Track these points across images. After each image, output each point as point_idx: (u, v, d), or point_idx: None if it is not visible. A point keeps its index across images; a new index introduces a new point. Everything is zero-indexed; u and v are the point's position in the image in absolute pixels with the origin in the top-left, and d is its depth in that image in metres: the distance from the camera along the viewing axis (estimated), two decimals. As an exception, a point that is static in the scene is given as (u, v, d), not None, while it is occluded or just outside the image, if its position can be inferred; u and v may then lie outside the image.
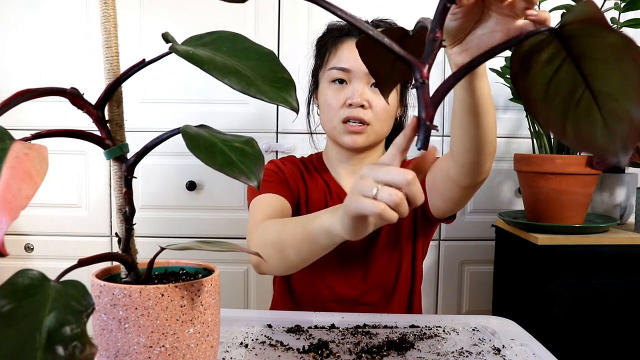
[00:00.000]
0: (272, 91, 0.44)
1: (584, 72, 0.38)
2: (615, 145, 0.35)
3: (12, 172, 0.31)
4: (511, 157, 1.37)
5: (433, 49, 0.43)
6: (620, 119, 0.35)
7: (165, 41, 0.44)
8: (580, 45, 0.38)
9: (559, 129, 0.38)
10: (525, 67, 0.41)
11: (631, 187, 1.38)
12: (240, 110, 1.54)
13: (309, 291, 1.03)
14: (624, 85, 0.35)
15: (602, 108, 0.36)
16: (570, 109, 0.38)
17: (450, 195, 0.89)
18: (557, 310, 1.19)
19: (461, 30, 0.58)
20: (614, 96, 0.36)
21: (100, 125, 0.47)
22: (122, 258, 0.49)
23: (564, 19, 0.39)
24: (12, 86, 1.43)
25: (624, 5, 1.19)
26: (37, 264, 1.55)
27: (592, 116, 0.36)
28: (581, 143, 0.37)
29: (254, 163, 0.44)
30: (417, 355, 0.70)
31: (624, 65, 0.35)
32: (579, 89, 0.38)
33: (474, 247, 1.61)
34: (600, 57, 0.37)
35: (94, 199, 1.55)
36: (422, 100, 0.42)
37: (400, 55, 0.42)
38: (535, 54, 0.40)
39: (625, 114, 0.35)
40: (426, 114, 0.42)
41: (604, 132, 0.36)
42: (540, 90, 0.40)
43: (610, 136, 0.35)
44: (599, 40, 0.37)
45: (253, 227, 0.89)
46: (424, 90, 0.42)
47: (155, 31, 1.50)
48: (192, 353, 0.47)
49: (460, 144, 0.77)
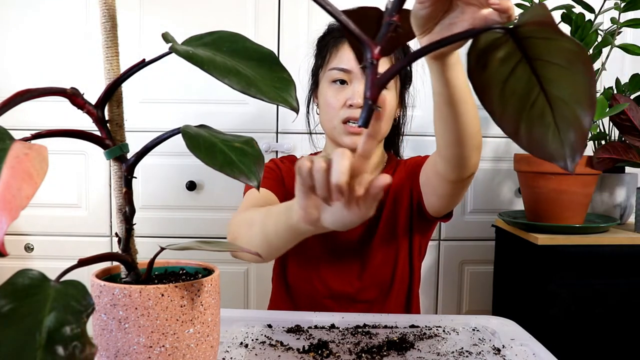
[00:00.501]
0: (272, 91, 0.44)
1: (538, 75, 0.38)
2: (565, 151, 0.35)
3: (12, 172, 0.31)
4: (511, 157, 1.37)
5: (387, 32, 0.43)
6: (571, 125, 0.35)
7: (165, 41, 0.44)
8: (535, 47, 0.38)
9: (513, 130, 0.38)
10: (483, 64, 0.41)
11: (631, 187, 1.38)
12: (240, 110, 1.54)
13: (305, 287, 1.03)
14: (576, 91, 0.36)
15: (555, 112, 0.36)
16: (524, 111, 0.38)
17: (441, 191, 0.89)
18: (557, 310, 1.19)
19: (430, 19, 0.57)
20: (566, 101, 0.36)
21: (100, 125, 0.47)
22: (122, 258, 0.49)
23: (519, 20, 0.39)
24: (12, 86, 1.43)
25: (624, 5, 1.19)
26: (37, 264, 1.55)
27: (545, 120, 0.37)
28: (533, 146, 0.37)
29: (254, 163, 0.44)
30: (417, 355, 0.70)
31: (576, 72, 0.36)
32: (534, 91, 0.38)
33: (474, 247, 1.61)
34: (554, 61, 0.37)
35: (94, 199, 1.55)
36: (369, 80, 0.43)
37: (353, 34, 0.43)
38: (492, 51, 0.40)
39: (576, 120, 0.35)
40: (371, 94, 0.43)
41: (555, 137, 0.36)
42: (497, 88, 0.40)
43: (561, 142, 0.36)
44: (553, 44, 0.37)
45: (235, 214, 0.91)
46: (373, 70, 0.43)
47: (155, 31, 1.50)
48: (192, 353, 0.47)
49: (442, 138, 0.78)
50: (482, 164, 1.59)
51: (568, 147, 0.35)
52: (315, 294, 1.03)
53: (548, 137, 0.36)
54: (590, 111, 0.35)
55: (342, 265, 1.03)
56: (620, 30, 1.23)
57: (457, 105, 0.70)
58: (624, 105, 1.19)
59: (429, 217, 0.99)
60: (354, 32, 0.43)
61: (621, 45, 1.24)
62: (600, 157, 1.21)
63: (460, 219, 1.60)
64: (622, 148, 1.23)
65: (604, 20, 1.28)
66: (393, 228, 1.02)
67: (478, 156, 0.80)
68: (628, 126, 1.23)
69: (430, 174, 0.91)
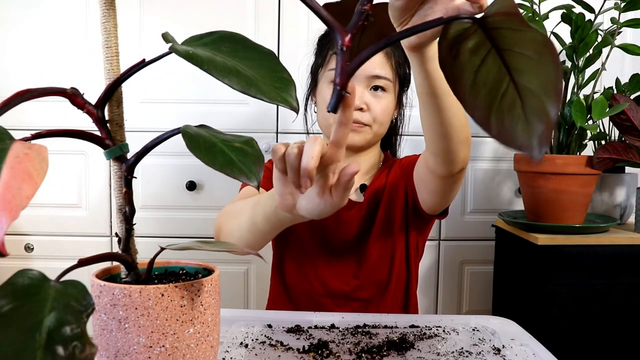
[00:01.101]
0: (272, 91, 0.44)
1: (508, 66, 0.38)
2: (533, 142, 0.36)
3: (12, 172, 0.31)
4: (511, 157, 1.37)
5: (358, 20, 0.45)
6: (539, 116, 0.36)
7: (165, 41, 0.44)
8: (504, 37, 0.39)
9: (484, 121, 0.38)
10: (454, 54, 0.41)
11: (631, 187, 1.38)
12: (240, 110, 1.54)
13: (302, 286, 1.04)
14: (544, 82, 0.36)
15: (525, 104, 0.37)
16: (495, 102, 0.38)
17: (433, 187, 0.90)
18: (556, 310, 1.19)
19: (406, 10, 0.57)
20: (534, 92, 0.36)
21: (100, 125, 0.47)
22: (122, 258, 0.49)
23: (487, 10, 0.40)
24: (12, 86, 1.43)
25: (624, 5, 1.19)
26: (37, 264, 1.55)
27: (515, 111, 0.37)
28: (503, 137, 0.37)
29: (254, 163, 0.44)
30: (417, 355, 0.70)
31: (544, 62, 0.36)
32: (504, 82, 0.38)
33: (474, 247, 1.61)
34: (523, 52, 0.37)
35: (94, 199, 1.55)
36: (339, 67, 0.44)
37: (326, 21, 0.44)
38: (462, 41, 0.41)
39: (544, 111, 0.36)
40: (340, 80, 0.44)
41: (524, 127, 0.36)
42: (468, 79, 0.40)
43: (529, 132, 0.36)
44: (521, 35, 0.37)
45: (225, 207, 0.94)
46: (343, 57, 0.44)
47: (155, 31, 1.50)
48: (192, 353, 0.47)
49: (428, 132, 0.78)
50: (482, 164, 1.60)
51: (536, 137, 0.36)
52: (312, 292, 1.03)
53: (518, 128, 0.37)
54: (556, 103, 0.35)
55: (338, 263, 1.03)
56: (620, 30, 1.23)
57: (439, 97, 0.70)
58: (624, 105, 1.19)
59: (424, 215, 0.99)
60: (327, 19, 0.44)
61: (621, 45, 1.24)
62: (600, 157, 1.21)
63: (460, 219, 1.60)
64: (622, 148, 1.23)
65: (604, 20, 1.28)
66: (389, 226, 1.02)
67: (467, 150, 0.79)
68: (628, 126, 1.23)
69: (421, 171, 0.91)
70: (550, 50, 0.36)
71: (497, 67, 0.39)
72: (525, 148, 0.36)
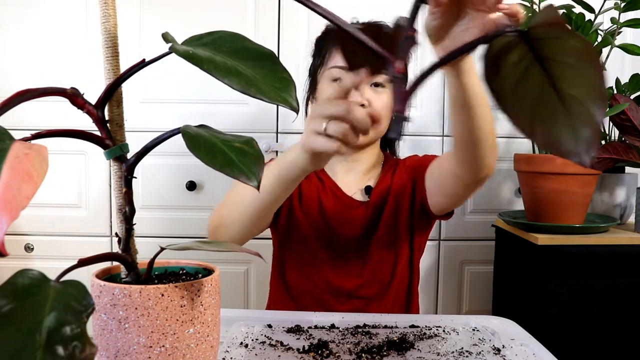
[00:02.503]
0: (272, 91, 0.44)
1: (550, 74, 0.39)
2: (580, 148, 0.36)
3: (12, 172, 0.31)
4: (511, 157, 1.37)
5: (407, 46, 0.45)
6: (585, 122, 0.36)
7: (165, 41, 0.44)
8: (546, 47, 0.39)
9: (529, 130, 0.39)
10: (496, 68, 0.42)
11: (631, 187, 1.38)
12: (240, 110, 1.54)
13: (304, 284, 1.04)
14: (587, 88, 0.36)
15: (568, 110, 0.37)
16: (538, 111, 0.39)
17: (453, 191, 0.91)
18: (556, 310, 1.19)
19: (442, 29, 0.59)
20: (578, 99, 0.37)
21: (100, 125, 0.47)
22: (122, 258, 0.49)
23: (530, 22, 0.40)
24: (12, 86, 1.43)
25: (624, 5, 1.19)
26: (37, 264, 1.55)
27: (559, 118, 0.37)
28: (549, 144, 0.38)
29: (254, 163, 0.44)
30: (417, 355, 0.70)
31: (586, 69, 0.36)
32: (547, 90, 0.39)
33: (474, 247, 1.61)
34: (565, 60, 0.38)
35: (94, 199, 1.55)
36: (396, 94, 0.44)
37: (375, 52, 0.45)
38: (505, 54, 0.41)
39: (589, 117, 0.36)
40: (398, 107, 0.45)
41: (570, 134, 0.37)
42: (510, 91, 0.41)
43: (576, 139, 0.36)
44: (562, 44, 0.38)
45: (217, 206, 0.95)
46: (398, 85, 0.44)
47: (155, 31, 1.50)
48: (192, 353, 0.47)
49: (459, 140, 0.79)
50: (482, 164, 1.60)
51: (583, 143, 0.36)
52: (315, 290, 1.03)
53: (562, 135, 0.37)
54: (601, 106, 0.36)
55: (342, 262, 1.03)
56: (620, 30, 1.23)
57: (471, 107, 0.72)
58: (624, 105, 1.19)
59: (431, 215, 1.00)
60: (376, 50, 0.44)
61: (621, 45, 1.24)
62: (600, 157, 1.21)
63: (460, 219, 1.60)
64: (622, 148, 1.23)
65: (604, 20, 1.28)
66: (394, 227, 1.03)
67: (493, 156, 0.82)
68: (628, 126, 1.23)
69: (442, 175, 0.92)
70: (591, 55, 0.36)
71: (539, 76, 0.39)
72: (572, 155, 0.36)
